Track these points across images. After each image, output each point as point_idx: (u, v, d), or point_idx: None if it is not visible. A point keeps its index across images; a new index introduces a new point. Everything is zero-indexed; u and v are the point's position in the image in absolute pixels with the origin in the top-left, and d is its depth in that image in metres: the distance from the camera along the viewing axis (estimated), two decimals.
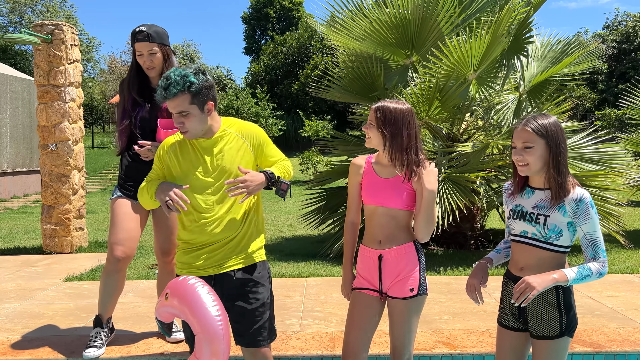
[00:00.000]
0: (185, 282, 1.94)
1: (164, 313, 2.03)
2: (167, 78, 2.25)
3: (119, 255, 3.11)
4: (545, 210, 2.07)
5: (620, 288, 4.54)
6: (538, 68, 6.77)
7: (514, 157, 2.11)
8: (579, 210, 2.03)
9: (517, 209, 2.15)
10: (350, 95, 6.74)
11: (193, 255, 2.41)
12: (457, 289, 4.55)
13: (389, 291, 2.37)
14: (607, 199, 5.95)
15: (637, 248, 6.33)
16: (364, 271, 2.42)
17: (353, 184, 2.48)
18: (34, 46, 6.41)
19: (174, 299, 1.94)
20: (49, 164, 6.49)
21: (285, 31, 39.51)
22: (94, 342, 3.15)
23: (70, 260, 6.12)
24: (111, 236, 3.16)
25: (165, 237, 3.31)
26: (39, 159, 17.88)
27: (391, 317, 2.39)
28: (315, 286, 4.73)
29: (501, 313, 2.23)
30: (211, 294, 1.93)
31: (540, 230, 2.07)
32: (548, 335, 2.08)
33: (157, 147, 3.12)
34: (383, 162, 2.40)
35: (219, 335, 1.86)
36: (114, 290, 3.21)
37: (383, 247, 2.34)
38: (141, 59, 3.18)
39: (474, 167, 5.94)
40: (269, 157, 2.50)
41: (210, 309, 1.87)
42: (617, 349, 3.09)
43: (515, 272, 2.14)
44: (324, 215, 6.84)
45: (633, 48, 37.51)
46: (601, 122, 23.99)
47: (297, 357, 3.08)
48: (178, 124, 2.31)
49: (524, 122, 2.09)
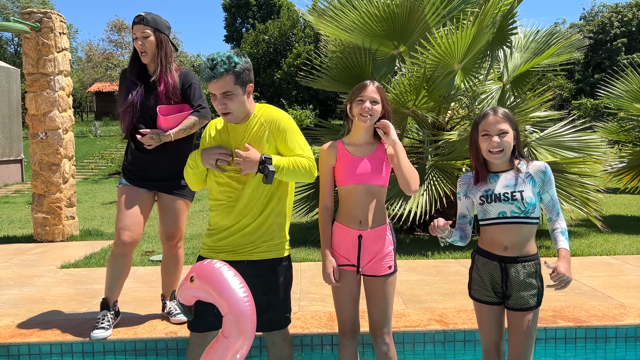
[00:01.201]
0: (211, 265, 1.99)
1: (188, 296, 2.07)
2: (212, 59, 2.29)
3: (126, 239, 3.22)
4: (518, 187, 2.26)
5: (599, 269, 4.79)
6: (521, 59, 6.98)
7: (489, 145, 2.26)
8: (546, 178, 2.29)
9: (489, 194, 2.30)
10: (338, 85, 6.86)
11: (215, 238, 2.52)
12: (446, 271, 4.75)
13: (364, 270, 2.52)
14: (586, 184, 6.21)
15: (613, 232, 6.62)
16: (341, 249, 2.53)
17: (326, 169, 2.55)
18: (23, 34, 6.38)
19: (200, 282, 1.98)
20: (39, 152, 6.49)
21: (266, 19, 39.26)
22: (102, 323, 3.25)
23: (62, 248, 6.16)
24: (118, 222, 3.27)
25: (172, 221, 3.40)
26: (19, 148, 17.56)
27: (371, 295, 2.53)
28: (309, 270, 4.88)
29: (479, 290, 2.37)
30: (237, 277, 1.99)
31: (519, 206, 2.25)
32: (529, 307, 2.27)
33: (158, 134, 3.24)
34: (358, 141, 2.52)
35: (247, 315, 1.92)
36: (121, 274, 3.32)
37: (363, 228, 2.47)
38: (136, 43, 3.27)
39: (459, 154, 6.13)
40: (289, 147, 2.45)
41: (238, 290, 1.93)
42: (598, 323, 3.31)
43: (499, 252, 2.29)
44: (312, 202, 6.98)
45: (609, 39, 38.26)
46: (577, 112, 24.51)
47: (299, 335, 3.22)
48: (221, 105, 2.35)
49: (492, 112, 2.29)
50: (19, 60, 33.54)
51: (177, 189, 3.39)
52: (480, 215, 2.36)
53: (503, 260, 2.28)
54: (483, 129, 2.28)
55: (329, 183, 2.57)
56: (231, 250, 2.49)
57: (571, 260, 2.25)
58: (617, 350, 3.25)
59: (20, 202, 12.28)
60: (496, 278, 2.31)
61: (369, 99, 2.47)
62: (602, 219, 6.43)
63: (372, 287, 2.52)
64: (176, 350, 3.20)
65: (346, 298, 2.55)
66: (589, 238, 6.32)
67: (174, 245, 3.45)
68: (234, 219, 2.47)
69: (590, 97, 29.62)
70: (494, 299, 2.35)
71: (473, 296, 2.41)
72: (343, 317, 2.59)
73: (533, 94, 6.42)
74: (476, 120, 2.35)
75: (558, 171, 6.08)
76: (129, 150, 3.40)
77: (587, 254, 5.42)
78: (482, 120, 2.30)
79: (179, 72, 3.37)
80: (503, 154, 2.27)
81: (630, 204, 9.61)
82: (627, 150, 8.54)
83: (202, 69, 2.32)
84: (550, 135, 6.75)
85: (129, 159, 3.38)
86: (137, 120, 3.32)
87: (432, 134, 6.69)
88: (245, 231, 2.47)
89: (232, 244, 2.49)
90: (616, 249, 5.63)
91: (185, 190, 3.42)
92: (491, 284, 2.33)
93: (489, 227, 2.33)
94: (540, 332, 3.21)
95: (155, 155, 3.30)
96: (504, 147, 2.26)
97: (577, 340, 3.28)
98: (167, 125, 3.25)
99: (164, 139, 3.24)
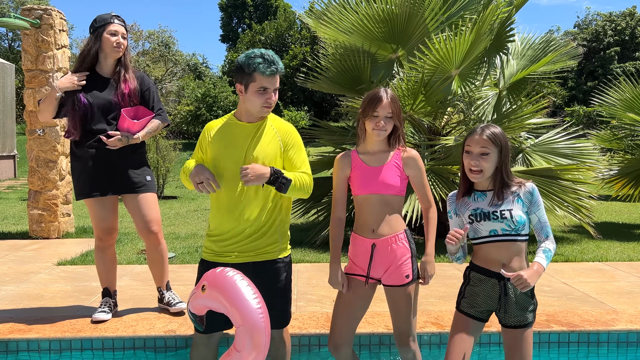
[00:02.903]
0: (223, 274, 1.91)
1: (199, 305, 1.99)
2: (269, 55, 2.43)
3: (102, 235, 3.50)
4: (506, 205, 2.29)
5: (591, 275, 4.86)
6: (517, 66, 7.06)
7: (470, 161, 2.29)
8: (533, 199, 2.31)
9: (477, 212, 2.32)
10: (337, 87, 6.91)
11: (222, 244, 2.54)
12: (441, 275, 4.80)
13: (383, 279, 2.51)
14: (579, 191, 6.29)
15: (605, 239, 6.71)
16: (356, 258, 2.55)
17: (341, 178, 2.56)
18: (22, 31, 6.37)
19: (212, 291, 1.91)
20: (36, 149, 6.49)
21: (262, 20, 39.30)
22: (103, 308, 3.47)
23: (58, 245, 6.16)
24: (92, 225, 3.56)
25: (145, 216, 3.47)
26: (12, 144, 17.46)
27: (392, 305, 2.54)
28: (305, 271, 4.92)
29: (469, 304, 2.38)
30: (250, 287, 1.91)
31: (509, 224, 2.27)
32: (527, 323, 2.31)
33: (127, 137, 3.30)
34: (371, 150, 2.53)
35: (261, 327, 1.84)
36: (112, 263, 3.59)
37: (376, 236, 2.47)
38: (114, 37, 3.33)
39: (455, 159, 6.19)
40: (294, 163, 2.52)
41: (251, 301, 1.85)
42: (590, 328, 3.37)
43: (497, 269, 2.30)
44: (308, 204, 7.02)
45: (602, 47, 38.64)
46: (570, 119, 24.74)
47: (297, 335, 3.26)
48: (271, 99, 2.47)
49: (480, 130, 2.30)
50: (12, 56, 33.35)
51: (139, 186, 3.45)
52: (471, 234, 2.37)
53: (502, 278, 2.29)
54: (467, 144, 2.32)
55: (343, 193, 2.57)
56: (237, 254, 2.53)
57: (563, 265, 2.30)
58: (609, 355, 3.31)
59: (14, 198, 12.22)
60: (493, 295, 2.32)
61: (383, 116, 2.44)
62: (595, 226, 6.52)
63: (393, 296, 2.51)
64: (175, 348, 3.23)
65: (344, 307, 2.54)
66: (581, 244, 6.40)
67: (152, 236, 3.51)
68: (239, 224, 2.50)
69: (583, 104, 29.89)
70: (481, 315, 2.37)
71: (461, 310, 2.41)
72: (334, 327, 2.57)
73: (529, 101, 6.51)
74: (467, 134, 2.37)
75: (552, 177, 6.15)
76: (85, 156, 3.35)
77: (579, 259, 5.50)
78: (469, 137, 2.32)
79: (135, 74, 3.47)
80: (482, 175, 2.29)
81: (621, 211, 9.73)
82: (618, 157, 8.65)
83: (259, 62, 2.41)
84: (544, 142, 6.84)
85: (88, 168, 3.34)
86: (92, 120, 3.33)
87: (429, 138, 6.75)
88: (253, 237, 2.51)
89: (239, 249, 2.52)
90: (608, 256, 5.71)
91: (148, 184, 3.50)
92: (485, 301, 2.35)
93: (481, 246, 2.34)
94: (534, 336, 3.25)
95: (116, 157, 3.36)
96: (482, 168, 2.28)
97: (570, 345, 3.34)
98: (135, 128, 3.35)
99: (132, 141, 3.35)
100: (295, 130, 2.62)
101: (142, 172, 3.48)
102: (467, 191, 2.38)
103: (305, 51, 29.51)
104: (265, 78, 2.43)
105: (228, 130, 2.56)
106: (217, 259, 2.53)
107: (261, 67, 2.41)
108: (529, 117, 6.30)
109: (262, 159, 2.48)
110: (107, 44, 3.33)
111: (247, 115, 2.54)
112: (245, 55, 2.46)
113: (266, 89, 2.45)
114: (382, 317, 3.47)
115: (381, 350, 3.29)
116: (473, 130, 2.33)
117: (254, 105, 2.49)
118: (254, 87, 2.44)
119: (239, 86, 2.49)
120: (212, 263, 2.52)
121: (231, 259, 2.51)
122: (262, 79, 2.43)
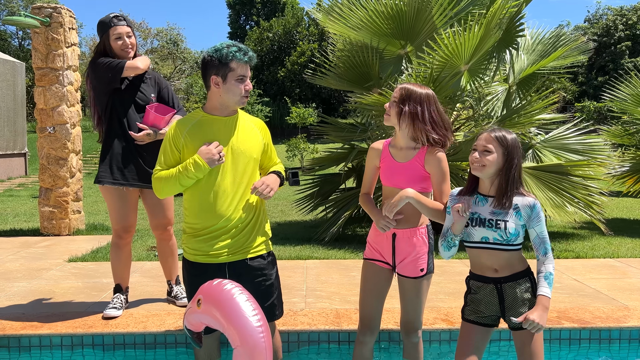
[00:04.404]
0: (220, 287, 1.73)
1: (195, 321, 1.82)
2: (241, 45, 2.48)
3: (123, 232, 3.51)
4: (503, 216, 2.27)
5: (603, 271, 4.83)
6: (527, 61, 7.01)
7: (472, 155, 2.29)
8: (533, 214, 2.28)
9: (475, 217, 2.31)
10: (345, 83, 6.89)
11: (207, 241, 2.50)
12: (450, 271, 4.79)
13: (398, 269, 2.55)
14: (590, 187, 6.24)
15: (616, 235, 6.65)
16: (376, 244, 2.58)
17: (371, 167, 2.64)
18: (32, 29, 6.41)
19: (208, 306, 1.72)
20: (46, 146, 6.53)
21: (270, 17, 39.29)
22: (114, 304, 3.50)
23: (69, 242, 6.20)
24: (112, 221, 3.54)
25: (161, 213, 3.57)
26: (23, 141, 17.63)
27: (403, 294, 2.57)
28: (314, 268, 4.92)
29: (472, 311, 2.38)
30: (250, 301, 1.72)
31: (501, 235, 2.27)
32: None
33: (155, 132, 3.40)
34: (399, 144, 2.54)
35: (262, 348, 1.64)
36: (127, 260, 3.61)
37: (398, 227, 2.50)
38: (119, 42, 3.39)
39: (464, 155, 6.15)
40: (271, 157, 2.70)
41: (251, 318, 1.65)
42: (602, 325, 3.34)
43: (491, 275, 2.32)
44: (316, 201, 7.02)
45: (613, 41, 38.25)
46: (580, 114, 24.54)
47: (306, 332, 3.26)
48: (247, 89, 2.50)
49: (490, 129, 2.30)
50: (23, 54, 33.61)
51: None
52: (464, 237, 2.37)
53: (498, 282, 2.31)
54: (474, 142, 2.32)
55: (371, 179, 2.66)
56: (231, 252, 2.52)
57: (574, 262, 2.29)
58: (620, 352, 3.29)
59: (25, 195, 12.33)
60: (493, 300, 2.33)
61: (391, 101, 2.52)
62: (605, 222, 6.46)
63: (404, 287, 2.55)
64: (185, 344, 3.24)
65: (372, 292, 2.58)
66: (592, 240, 6.36)
67: (166, 233, 3.64)
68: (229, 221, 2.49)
69: (593, 99, 29.62)
70: (486, 321, 2.37)
71: (465, 318, 2.42)
72: (364, 311, 2.61)
73: (539, 96, 6.45)
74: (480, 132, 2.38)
75: (562, 174, 6.11)
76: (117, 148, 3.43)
77: (590, 256, 5.45)
78: (480, 133, 2.34)
79: (149, 74, 3.57)
80: (484, 169, 2.27)
81: (632, 207, 9.64)
82: (630, 153, 8.56)
83: (235, 51, 2.43)
84: (554, 138, 6.78)
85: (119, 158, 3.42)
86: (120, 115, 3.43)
87: None
88: (245, 231, 2.54)
89: (232, 245, 2.51)
90: (619, 252, 5.66)
91: None
92: (487, 307, 2.35)
93: (472, 250, 2.36)
94: (545, 333, 3.24)
95: (146, 152, 3.44)
96: (485, 163, 2.26)
97: (582, 341, 3.31)
98: (161, 123, 3.44)
99: (159, 136, 3.42)
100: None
101: None
102: (471, 191, 2.37)
103: (313, 48, 29.49)
104: (243, 66, 2.44)
105: (206, 127, 2.50)
106: (209, 260, 2.51)
107: (238, 55, 2.42)
108: (538, 113, 6.25)
109: (249, 152, 2.54)
110: (115, 49, 3.40)
111: (222, 109, 2.52)
112: (217, 48, 2.45)
113: (244, 77, 2.46)
114: (391, 313, 3.46)
115: (391, 345, 3.29)
116: (482, 131, 2.34)
117: (234, 95, 2.46)
118: (233, 76, 2.44)
119: (215, 78, 2.45)
120: (202, 265, 2.51)
121: (225, 257, 2.51)
122: (240, 67, 2.44)
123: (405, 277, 2.54)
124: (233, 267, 2.52)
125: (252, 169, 2.57)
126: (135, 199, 3.55)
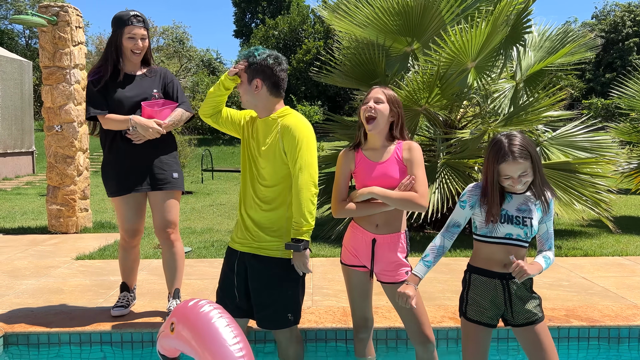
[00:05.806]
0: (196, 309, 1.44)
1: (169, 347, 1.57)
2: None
3: (128, 237, 3.48)
4: (529, 213, 2.25)
5: (611, 269, 4.80)
6: (535, 57, 6.96)
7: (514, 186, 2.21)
8: (549, 209, 2.29)
9: (503, 213, 2.25)
10: (351, 81, 6.88)
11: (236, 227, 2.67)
12: (457, 269, 4.77)
13: (380, 277, 2.56)
14: (598, 185, 6.20)
15: (624, 233, 6.61)
16: (354, 249, 2.57)
17: (344, 173, 2.58)
18: (39, 28, 6.44)
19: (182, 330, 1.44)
20: (54, 145, 6.56)
21: (276, 15, 39.28)
22: (121, 302, 3.51)
23: (76, 239, 6.23)
24: (119, 224, 3.53)
25: (164, 214, 3.38)
26: (30, 140, 17.74)
27: (394, 302, 2.53)
28: (321, 266, 4.92)
29: (477, 310, 2.30)
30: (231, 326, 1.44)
31: (527, 232, 2.24)
32: (537, 319, 2.27)
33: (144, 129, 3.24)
34: (374, 146, 2.53)
35: None
36: (134, 262, 3.60)
37: (379, 232, 2.50)
38: (132, 42, 3.28)
39: (471, 153, 6.14)
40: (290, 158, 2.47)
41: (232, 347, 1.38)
42: (611, 323, 3.32)
43: (498, 270, 2.27)
44: (322, 199, 7.01)
45: (621, 38, 37.96)
46: (588, 111, 24.40)
47: (313, 330, 3.26)
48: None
49: (510, 154, 2.15)
50: (30, 53, 33.75)
51: (164, 183, 3.36)
52: (482, 230, 2.29)
53: (504, 277, 2.26)
54: (504, 173, 2.20)
55: (345, 185, 2.59)
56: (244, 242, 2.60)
57: (582, 260, 2.27)
58: (630, 350, 3.27)
59: (32, 193, 12.40)
60: (499, 297, 2.28)
61: (372, 99, 2.50)
62: (614, 220, 6.42)
63: (392, 294, 2.51)
64: None
65: (360, 296, 2.65)
66: (600, 238, 6.32)
67: (168, 235, 3.39)
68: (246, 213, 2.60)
69: (601, 96, 29.44)
70: (492, 321, 2.31)
71: (469, 318, 2.32)
72: (356, 314, 2.70)
73: (546, 94, 6.41)
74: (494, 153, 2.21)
75: (570, 171, 6.07)
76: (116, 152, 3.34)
77: (598, 254, 5.42)
78: (503, 163, 2.18)
79: (157, 70, 3.47)
80: (524, 187, 2.25)
81: None
82: (638, 151, 8.50)
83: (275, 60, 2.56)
84: (562, 135, 6.74)
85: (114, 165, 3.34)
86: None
87: (444, 132, 6.69)
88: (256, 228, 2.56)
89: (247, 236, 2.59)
90: (628, 250, 5.63)
91: (174, 181, 3.39)
92: (492, 304, 2.29)
93: (489, 245, 2.28)
94: (553, 331, 3.21)
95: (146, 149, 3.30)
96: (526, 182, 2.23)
97: (590, 340, 3.30)
98: (160, 118, 3.28)
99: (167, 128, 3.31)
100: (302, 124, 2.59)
101: (169, 168, 3.36)
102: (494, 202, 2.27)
103: (319, 45, 29.46)
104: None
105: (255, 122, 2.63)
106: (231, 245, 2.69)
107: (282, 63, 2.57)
108: (546, 110, 6.21)
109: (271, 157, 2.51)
110: (125, 48, 3.29)
111: (262, 112, 2.57)
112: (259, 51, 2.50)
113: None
114: (394, 312, 3.45)
115: (398, 344, 3.28)
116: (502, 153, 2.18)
117: (271, 103, 2.54)
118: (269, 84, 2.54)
119: (259, 82, 2.49)
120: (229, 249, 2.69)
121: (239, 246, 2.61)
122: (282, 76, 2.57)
123: (391, 284, 2.53)
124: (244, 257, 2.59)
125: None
126: (140, 202, 3.42)
